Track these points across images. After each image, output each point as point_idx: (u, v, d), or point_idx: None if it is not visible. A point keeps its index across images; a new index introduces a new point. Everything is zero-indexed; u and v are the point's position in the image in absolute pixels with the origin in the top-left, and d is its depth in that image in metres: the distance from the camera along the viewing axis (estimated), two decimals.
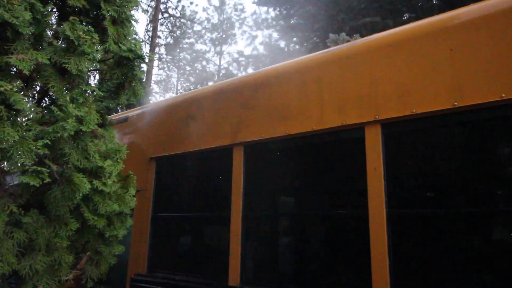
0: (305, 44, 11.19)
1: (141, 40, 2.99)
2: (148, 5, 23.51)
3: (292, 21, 11.97)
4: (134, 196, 3.04)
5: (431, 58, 2.65)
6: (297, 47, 12.23)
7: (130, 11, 2.84)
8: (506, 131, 2.46)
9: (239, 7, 29.18)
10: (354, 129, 2.94)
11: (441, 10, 2.62)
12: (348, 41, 3.86)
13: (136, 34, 3.01)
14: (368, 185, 2.76)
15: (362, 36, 3.41)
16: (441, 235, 2.53)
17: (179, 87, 29.18)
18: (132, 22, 3.05)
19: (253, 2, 13.33)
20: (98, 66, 2.98)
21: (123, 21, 2.82)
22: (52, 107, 2.27)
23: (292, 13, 11.52)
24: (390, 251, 2.58)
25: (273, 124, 3.40)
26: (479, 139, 2.55)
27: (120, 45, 2.75)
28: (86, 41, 2.39)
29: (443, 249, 2.49)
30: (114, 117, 5.19)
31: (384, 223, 2.63)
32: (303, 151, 3.35)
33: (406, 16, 9.03)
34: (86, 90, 2.55)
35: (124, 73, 2.86)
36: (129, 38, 2.87)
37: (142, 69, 3.15)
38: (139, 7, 3.20)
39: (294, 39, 12.65)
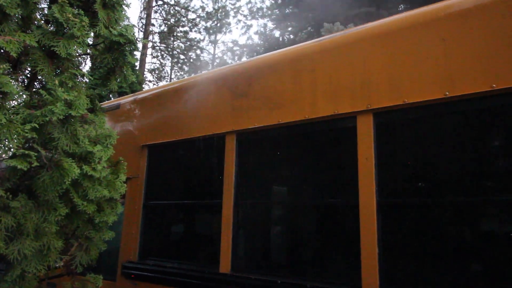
0: (299, 34, 11.14)
1: (133, 26, 2.94)
2: None
3: (287, 10, 11.89)
4: (124, 182, 3.03)
5: (423, 48, 2.65)
6: (291, 36, 12.17)
7: None
8: (496, 121, 2.47)
9: None
10: (346, 118, 2.95)
11: (435, 1, 2.62)
12: (342, 30, 3.84)
13: (127, 19, 2.97)
14: (359, 174, 2.77)
15: (356, 26, 3.39)
16: (431, 224, 2.56)
17: (172, 76, 28.99)
18: (124, 6, 3.00)
19: None
20: (88, 50, 2.94)
21: (114, 5, 2.77)
22: (41, 90, 2.24)
23: (287, 2, 11.44)
24: (379, 240, 2.61)
25: (266, 112, 3.40)
26: (470, 129, 2.57)
27: (111, 29, 2.71)
28: (76, 24, 2.35)
29: (433, 239, 2.52)
30: (106, 104, 5.14)
31: (374, 213, 2.65)
32: (296, 139, 3.36)
33: (401, 7, 9.03)
34: (75, 75, 2.51)
35: (114, 58, 2.82)
36: (120, 23, 2.83)
37: (135, 56, 3.11)
38: None
39: (290, 28, 12.57)
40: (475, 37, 2.45)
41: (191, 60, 28.34)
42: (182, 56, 28.61)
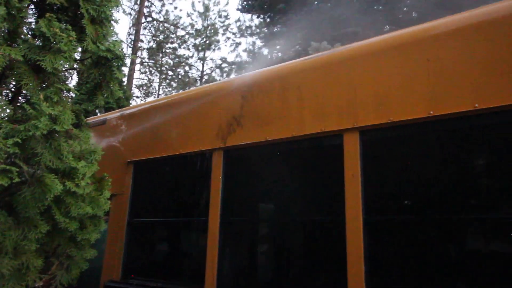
0: (287, 52, 11.30)
1: (121, 41, 2.93)
2: (131, 8, 23.36)
3: (276, 29, 12.09)
4: (109, 199, 2.97)
5: (408, 68, 2.70)
6: (279, 54, 12.34)
7: (110, 11, 2.80)
8: (479, 140, 2.52)
9: (224, 13, 29.08)
10: (333, 136, 2.96)
11: (420, 23, 2.70)
12: (329, 49, 3.92)
13: (116, 34, 2.97)
14: (345, 191, 2.77)
15: (343, 45, 3.46)
16: (417, 242, 2.56)
17: (160, 92, 28.95)
18: (112, 22, 3.00)
19: (237, 9, 13.40)
20: (75, 65, 2.92)
21: (102, 21, 2.77)
22: (25, 105, 2.20)
23: (275, 21, 11.63)
24: (366, 257, 2.60)
25: (253, 129, 3.40)
26: (453, 147, 2.60)
27: (99, 44, 2.70)
28: (63, 38, 2.33)
29: (419, 256, 2.52)
30: (92, 119, 5.09)
31: (360, 230, 2.64)
32: (283, 157, 3.35)
33: (387, 27, 9.27)
34: (61, 89, 2.48)
35: (101, 73, 2.80)
36: (109, 38, 2.83)
37: (123, 72, 3.10)
38: (119, 7, 3.16)
39: (278, 47, 12.75)
40: (458, 58, 2.51)
41: (180, 77, 28.39)
42: (170, 72, 28.64)
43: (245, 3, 12.67)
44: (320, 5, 10.34)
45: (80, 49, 2.76)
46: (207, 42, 28.26)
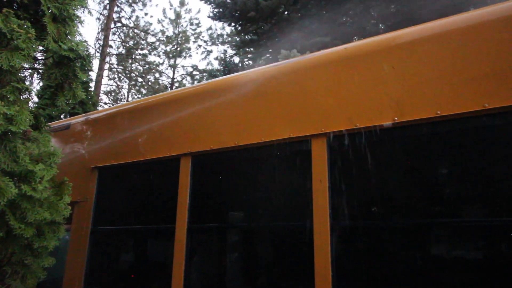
0: (258, 60, 11.39)
1: (85, 42, 2.83)
2: (100, 13, 22.90)
3: (247, 37, 12.18)
4: (70, 205, 2.84)
5: (374, 75, 2.76)
6: (250, 62, 12.41)
7: (73, 10, 2.70)
8: (442, 146, 2.59)
9: (195, 21, 29.02)
10: (301, 142, 2.97)
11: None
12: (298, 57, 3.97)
13: (80, 35, 2.87)
14: (313, 197, 2.78)
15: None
16: (383, 247, 2.59)
17: (129, 99, 28.40)
18: (76, 22, 2.90)
19: (208, 17, 13.41)
20: (35, 65, 2.80)
21: (65, 20, 2.66)
22: None
23: (246, 29, 11.72)
24: (333, 262, 2.60)
25: (223, 134, 3.37)
26: (418, 153, 2.66)
27: (61, 43, 2.60)
28: (21, 35, 2.23)
29: (385, 261, 2.54)
30: (55, 124, 4.90)
31: (328, 235, 2.65)
32: (251, 162, 3.33)
33: (355, 38, 9.52)
34: (19, 89, 2.36)
35: (63, 73, 2.69)
36: (72, 38, 2.72)
37: (88, 74, 2.99)
38: (85, 8, 3.07)
39: (250, 55, 12.82)
40: (422, 66, 2.59)
41: (149, 83, 27.99)
42: (140, 79, 28.20)
43: (216, 11, 12.70)
44: (291, 14, 10.52)
45: (41, 48, 2.65)
46: (178, 49, 28.07)
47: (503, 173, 2.33)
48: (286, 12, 10.92)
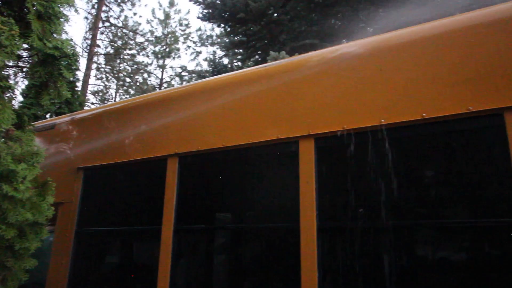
0: (247, 62, 11.39)
1: (71, 40, 2.79)
2: (88, 12, 22.65)
3: (236, 38, 12.18)
4: (54, 206, 2.79)
5: (362, 77, 2.78)
6: (239, 64, 12.41)
7: (59, 7, 2.65)
8: (426, 148, 2.62)
9: (184, 22, 28.86)
10: (289, 143, 2.97)
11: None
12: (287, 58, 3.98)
13: (66, 33, 2.82)
14: (300, 198, 2.78)
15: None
16: (370, 248, 2.60)
17: (117, 99, 28.12)
18: (62, 20, 2.85)
19: (198, 18, 13.37)
20: (20, 63, 2.74)
21: (50, 17, 2.62)
22: None
23: (236, 30, 11.73)
24: (319, 263, 2.60)
25: (210, 135, 3.35)
26: (403, 155, 2.69)
27: (45, 41, 2.55)
28: (4, 32, 2.18)
29: (372, 262, 2.56)
30: (40, 123, 4.82)
31: (314, 236, 2.65)
32: (239, 164, 3.32)
33: (344, 41, 9.59)
34: (1, 86, 2.31)
35: (48, 72, 2.64)
36: (57, 36, 2.67)
37: (73, 72, 2.94)
38: (71, 6, 3.02)
39: (239, 56, 12.82)
40: (408, 69, 2.61)
41: (138, 84, 27.75)
42: (128, 79, 27.95)
43: (205, 12, 12.67)
44: (280, 16, 10.56)
45: (25, 46, 2.60)
46: (167, 49, 27.91)
47: (486, 174, 2.37)
48: (275, 14, 10.96)
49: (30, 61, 2.95)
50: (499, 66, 2.31)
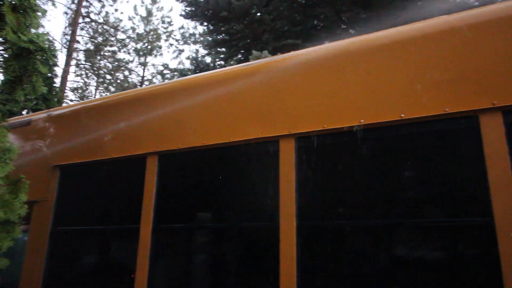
0: (229, 61, 11.36)
1: (47, 33, 2.71)
2: (68, 7, 22.16)
3: (219, 37, 12.14)
4: (28, 204, 2.71)
5: (343, 77, 2.80)
6: (222, 62, 12.36)
7: (35, 0, 2.57)
8: (405, 148, 2.65)
9: (167, 19, 28.57)
10: (269, 142, 2.97)
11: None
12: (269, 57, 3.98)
13: (42, 26, 2.74)
14: (280, 197, 2.78)
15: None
16: (349, 247, 2.62)
17: (97, 96, 27.61)
18: (39, 13, 2.77)
19: (180, 15, 13.24)
20: None
21: (25, 10, 2.54)
22: None
23: (218, 29, 11.69)
24: (298, 262, 2.61)
25: (190, 134, 3.32)
26: (382, 155, 2.72)
27: (20, 35, 2.47)
28: None
29: (351, 261, 2.58)
30: (15, 119, 4.68)
31: (293, 235, 2.66)
32: (219, 162, 3.30)
33: (326, 41, 9.67)
34: None
35: (22, 66, 2.56)
36: (33, 30, 2.59)
37: (49, 66, 2.86)
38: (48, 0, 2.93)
39: (222, 55, 12.77)
40: (388, 70, 2.64)
41: (118, 81, 27.32)
42: (108, 76, 27.47)
43: (188, 9, 12.56)
44: (263, 16, 10.57)
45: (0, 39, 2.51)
46: (149, 47, 27.57)
47: (461, 174, 2.42)
48: (258, 14, 10.96)
49: (4, 54, 2.86)
50: (475, 69, 2.36)
